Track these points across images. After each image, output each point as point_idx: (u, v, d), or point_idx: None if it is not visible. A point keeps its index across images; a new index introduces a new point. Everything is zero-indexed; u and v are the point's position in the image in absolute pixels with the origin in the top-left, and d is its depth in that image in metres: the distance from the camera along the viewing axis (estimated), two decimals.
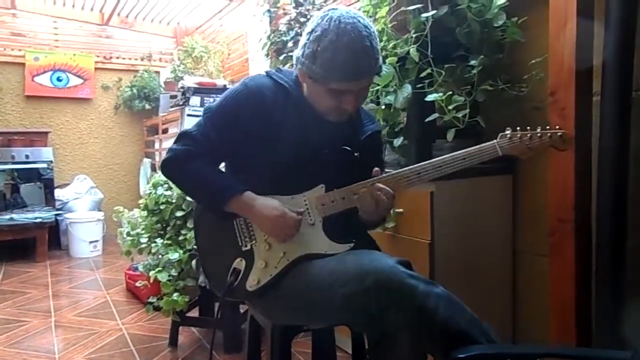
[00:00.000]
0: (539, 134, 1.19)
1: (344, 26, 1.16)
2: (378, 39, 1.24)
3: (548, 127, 1.21)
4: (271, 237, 1.27)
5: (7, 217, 4.13)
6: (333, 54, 1.16)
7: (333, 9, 1.22)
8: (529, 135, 1.19)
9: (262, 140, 1.27)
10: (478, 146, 1.21)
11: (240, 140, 1.29)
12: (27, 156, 4.38)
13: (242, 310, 2.26)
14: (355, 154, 1.30)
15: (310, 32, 1.21)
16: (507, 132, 1.20)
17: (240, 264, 1.29)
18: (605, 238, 1.40)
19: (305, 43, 1.22)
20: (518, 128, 1.21)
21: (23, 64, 4.84)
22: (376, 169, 1.25)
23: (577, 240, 1.51)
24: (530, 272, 1.82)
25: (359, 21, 1.18)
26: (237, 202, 1.27)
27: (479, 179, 1.73)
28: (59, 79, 5.00)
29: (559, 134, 1.19)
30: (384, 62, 1.70)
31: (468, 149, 1.22)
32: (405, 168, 1.25)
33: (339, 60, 1.16)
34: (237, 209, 1.28)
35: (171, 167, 1.36)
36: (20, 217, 4.14)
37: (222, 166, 1.44)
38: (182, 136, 1.34)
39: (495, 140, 1.21)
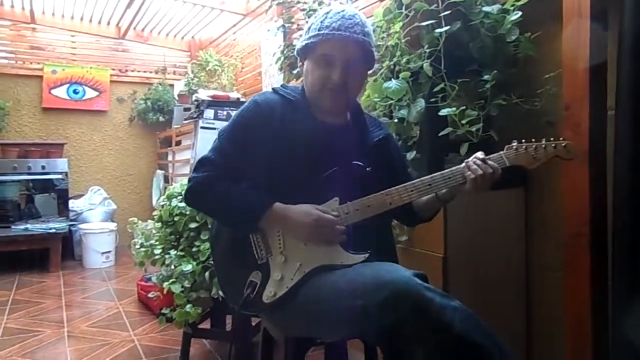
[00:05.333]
0: (543, 145, 1.24)
1: (337, 7, 1.31)
2: (371, 30, 1.35)
3: (552, 138, 1.25)
4: (312, 243, 1.27)
5: (22, 227, 4.19)
6: (323, 19, 1.30)
7: None
8: (534, 146, 1.24)
9: (275, 154, 1.29)
10: (488, 156, 1.24)
11: (256, 156, 1.31)
12: (43, 167, 4.45)
13: (253, 323, 2.26)
14: (368, 169, 1.32)
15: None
16: (514, 143, 1.26)
17: (256, 276, 1.30)
18: (622, 253, 1.39)
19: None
20: (524, 140, 1.25)
21: (41, 77, 4.94)
22: None
23: (592, 255, 1.49)
24: (544, 287, 1.80)
25: (352, 9, 1.33)
26: (270, 216, 1.27)
27: (492, 192, 1.71)
28: (75, 92, 5.09)
29: (563, 144, 1.24)
30: (397, 77, 1.72)
31: None
32: (416, 180, 1.28)
33: (327, 22, 1.29)
34: (271, 222, 1.29)
35: (195, 196, 1.36)
36: (34, 227, 4.20)
37: None
38: (200, 163, 1.35)
39: (502, 152, 1.26)
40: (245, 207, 1.30)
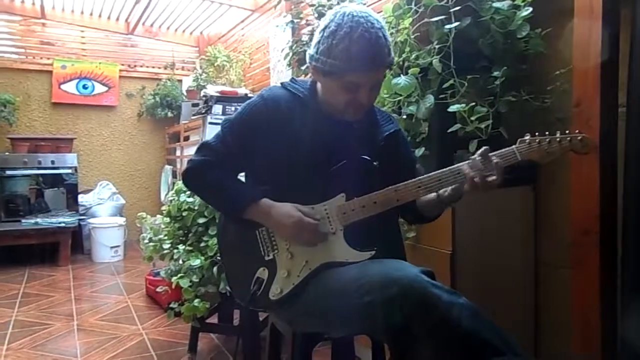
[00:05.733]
0: (558, 139, 1.17)
1: (357, 19, 1.19)
2: (388, 34, 1.27)
3: (567, 131, 1.19)
4: (293, 244, 1.28)
5: (32, 221, 4.23)
6: (349, 44, 1.18)
7: (344, 6, 1.25)
8: (547, 140, 1.17)
9: (280, 150, 1.29)
10: (497, 152, 1.20)
11: (259, 151, 1.32)
12: (52, 162, 4.48)
13: (261, 318, 2.27)
14: (375, 163, 1.31)
15: (324, 29, 1.24)
16: (526, 137, 1.19)
17: (263, 273, 1.31)
18: (631, 250, 1.39)
19: (320, 40, 1.24)
20: (537, 133, 1.19)
21: (50, 72, 4.97)
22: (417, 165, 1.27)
23: (601, 252, 1.49)
24: (552, 284, 1.80)
25: (370, 15, 1.22)
26: (254, 210, 1.29)
27: (500, 189, 1.72)
28: (84, 87, 5.12)
29: (578, 137, 1.16)
30: (406, 73, 1.71)
31: None
32: (425, 175, 1.25)
33: (355, 51, 1.18)
34: (255, 216, 1.30)
35: (191, 177, 1.39)
36: (44, 221, 4.23)
37: (241, 176, 1.46)
38: (202, 147, 1.38)
39: (514, 146, 1.20)
40: (232, 196, 1.32)
